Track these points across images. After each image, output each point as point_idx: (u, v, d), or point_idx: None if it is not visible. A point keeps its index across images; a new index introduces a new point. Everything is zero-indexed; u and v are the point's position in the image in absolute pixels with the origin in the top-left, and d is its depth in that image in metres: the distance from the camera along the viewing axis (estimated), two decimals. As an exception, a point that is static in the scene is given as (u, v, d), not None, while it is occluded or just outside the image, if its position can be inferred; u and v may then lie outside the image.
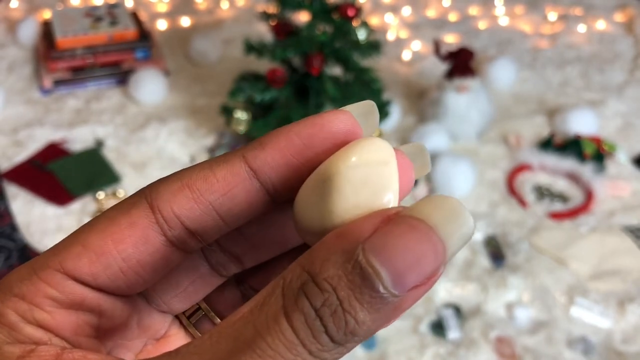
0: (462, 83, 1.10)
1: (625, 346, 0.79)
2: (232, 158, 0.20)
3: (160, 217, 0.19)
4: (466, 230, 0.17)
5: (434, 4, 1.62)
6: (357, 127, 0.20)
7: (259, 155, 0.19)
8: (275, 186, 0.20)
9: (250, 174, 0.20)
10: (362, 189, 0.18)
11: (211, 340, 0.17)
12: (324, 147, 0.19)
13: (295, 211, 0.19)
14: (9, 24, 1.45)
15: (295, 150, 0.19)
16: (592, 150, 1.07)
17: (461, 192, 1.01)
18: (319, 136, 0.19)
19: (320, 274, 0.16)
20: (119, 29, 1.28)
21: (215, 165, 0.20)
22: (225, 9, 1.58)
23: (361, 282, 0.16)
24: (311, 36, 1.00)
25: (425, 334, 0.80)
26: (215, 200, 0.19)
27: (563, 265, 0.89)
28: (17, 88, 1.25)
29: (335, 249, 0.16)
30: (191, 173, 0.20)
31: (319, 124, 0.19)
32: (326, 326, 0.16)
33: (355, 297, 0.16)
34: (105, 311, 0.20)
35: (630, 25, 1.53)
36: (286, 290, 0.17)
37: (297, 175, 0.20)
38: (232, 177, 0.19)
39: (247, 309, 0.17)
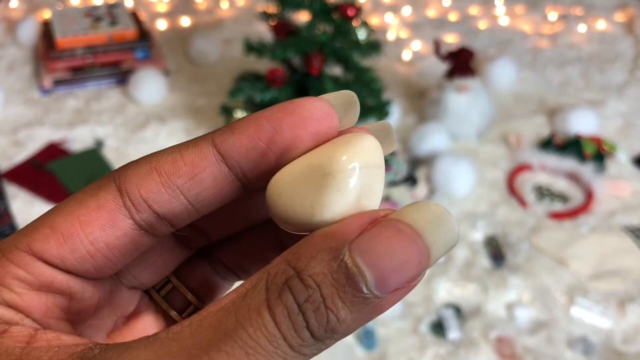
0: (462, 83, 1.10)
1: (626, 346, 0.79)
2: (200, 142, 0.19)
3: (127, 201, 0.19)
4: (451, 237, 0.17)
5: (434, 3, 1.62)
6: (333, 118, 0.19)
7: (227, 139, 0.19)
8: (244, 171, 0.20)
9: (218, 158, 0.19)
10: (358, 190, 0.18)
11: (191, 328, 0.17)
12: (294, 132, 0.19)
13: (271, 198, 0.19)
14: (9, 23, 1.45)
15: (265, 135, 0.19)
16: (592, 150, 1.07)
17: (461, 192, 1.00)
18: (289, 121, 0.19)
19: (305, 270, 0.16)
20: (119, 29, 1.28)
21: (184, 148, 0.19)
22: (225, 9, 1.58)
23: (345, 281, 0.16)
24: (311, 36, 1.00)
25: (426, 334, 0.80)
26: (183, 184, 0.19)
27: (563, 265, 0.89)
28: (17, 88, 1.25)
29: (322, 247, 0.17)
30: (160, 156, 0.19)
31: (290, 110, 0.19)
32: (308, 321, 0.16)
33: (339, 295, 0.16)
34: (76, 293, 0.20)
35: (630, 25, 1.53)
36: (270, 284, 0.17)
37: (266, 161, 0.19)
38: (200, 160, 0.19)
39: (229, 299, 0.17)
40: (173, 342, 0.16)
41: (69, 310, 0.20)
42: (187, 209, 0.20)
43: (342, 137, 0.19)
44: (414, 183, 1.03)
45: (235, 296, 0.17)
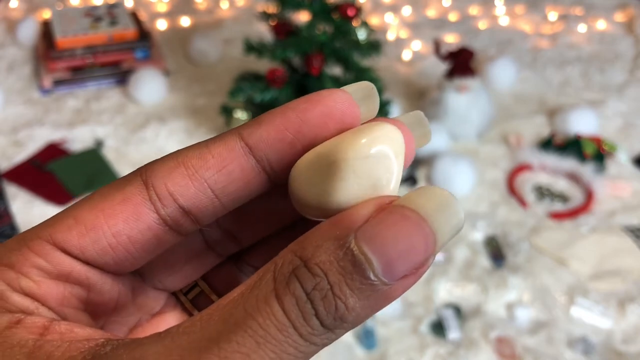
0: (462, 83, 1.10)
1: (626, 346, 0.79)
2: (227, 135, 0.20)
3: (153, 194, 0.19)
4: (457, 222, 0.17)
5: (434, 3, 1.62)
6: (355, 108, 0.20)
7: (254, 131, 0.19)
8: (271, 163, 0.20)
9: (245, 150, 0.19)
10: (366, 180, 0.18)
11: (201, 321, 0.17)
12: (321, 122, 0.19)
13: (292, 184, 0.19)
14: (9, 23, 1.45)
15: (291, 125, 0.19)
16: (592, 150, 1.07)
17: (461, 192, 1.00)
18: (316, 111, 0.19)
19: (312, 259, 0.17)
20: (119, 28, 1.28)
21: (211, 142, 0.20)
22: (225, 9, 1.58)
23: (352, 268, 0.16)
24: (311, 36, 1.00)
25: (426, 334, 0.80)
26: (210, 177, 0.19)
27: (563, 266, 0.89)
28: (17, 88, 1.25)
29: (328, 236, 0.17)
30: (187, 151, 0.20)
31: (315, 100, 0.19)
32: (317, 309, 0.16)
33: (346, 282, 0.16)
34: (94, 285, 0.20)
35: (630, 25, 1.53)
36: (277, 274, 0.17)
37: (293, 152, 0.20)
38: (227, 152, 0.19)
39: (238, 292, 0.17)
40: (184, 336, 0.16)
41: (87, 302, 0.20)
42: (214, 202, 0.20)
43: (358, 127, 0.19)
44: (414, 183, 1.03)
45: (244, 289, 0.17)
